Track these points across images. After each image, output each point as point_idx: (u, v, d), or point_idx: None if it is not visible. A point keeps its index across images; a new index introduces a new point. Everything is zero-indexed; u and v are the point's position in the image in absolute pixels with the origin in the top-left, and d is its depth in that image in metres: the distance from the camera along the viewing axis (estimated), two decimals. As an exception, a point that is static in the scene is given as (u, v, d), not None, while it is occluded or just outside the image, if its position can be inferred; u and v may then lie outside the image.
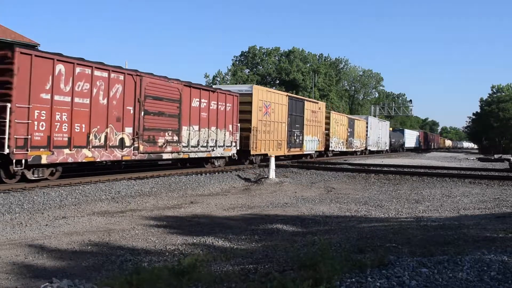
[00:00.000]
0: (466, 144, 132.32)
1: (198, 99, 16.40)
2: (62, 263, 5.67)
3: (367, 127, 40.74)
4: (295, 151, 25.25)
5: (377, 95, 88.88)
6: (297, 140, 25.21)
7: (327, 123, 30.52)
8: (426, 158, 39.58)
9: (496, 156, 41.79)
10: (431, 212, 10.00)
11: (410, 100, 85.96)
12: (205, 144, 16.93)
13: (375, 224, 8.44)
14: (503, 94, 77.75)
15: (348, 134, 35.23)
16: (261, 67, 63.19)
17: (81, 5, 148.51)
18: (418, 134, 71.02)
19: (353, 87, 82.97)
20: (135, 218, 8.90)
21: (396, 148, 55.94)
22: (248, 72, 62.15)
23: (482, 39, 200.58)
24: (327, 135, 30.64)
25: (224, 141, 18.08)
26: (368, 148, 41.29)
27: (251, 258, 5.35)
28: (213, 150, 17.32)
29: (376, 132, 44.25)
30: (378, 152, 45.35)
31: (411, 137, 64.58)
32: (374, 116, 65.01)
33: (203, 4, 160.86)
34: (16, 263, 5.66)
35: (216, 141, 17.50)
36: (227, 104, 18.18)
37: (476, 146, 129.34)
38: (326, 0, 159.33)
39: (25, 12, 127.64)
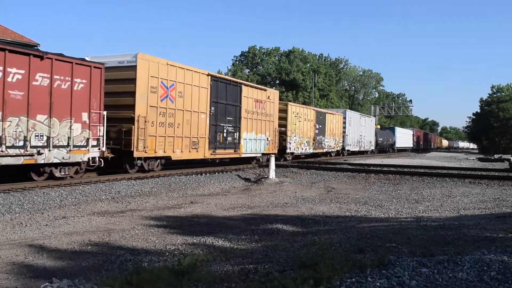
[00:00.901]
0: (462, 144, 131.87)
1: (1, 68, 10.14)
2: (62, 263, 5.67)
3: (344, 123, 33.87)
4: (225, 153, 18.81)
5: (377, 95, 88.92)
6: (229, 139, 18.69)
7: (283, 118, 23.89)
8: (426, 158, 39.57)
9: (496, 156, 41.80)
10: (431, 212, 10.00)
11: (410, 100, 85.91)
12: (18, 143, 10.54)
13: (375, 224, 8.44)
14: (503, 94, 77.80)
15: (317, 131, 28.45)
16: (261, 67, 63.17)
17: (81, 5, 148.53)
18: (412, 133, 65.59)
19: (353, 87, 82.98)
20: (135, 218, 8.90)
21: (385, 148, 49.88)
22: (248, 72, 62.13)
23: (482, 39, 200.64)
24: (283, 133, 23.82)
25: (69, 138, 11.76)
26: (346, 148, 34.67)
27: (251, 258, 5.35)
28: (39, 153, 10.95)
29: (357, 129, 37.55)
30: (360, 153, 39.45)
31: (403, 136, 59.21)
32: (374, 116, 64.94)
33: (203, 4, 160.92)
34: (16, 263, 5.66)
35: (49, 138, 11.25)
36: (77, 80, 11.90)
37: (471, 146, 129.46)
38: (326, 0, 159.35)
39: (25, 12, 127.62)
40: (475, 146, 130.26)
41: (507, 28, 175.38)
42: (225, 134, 18.40)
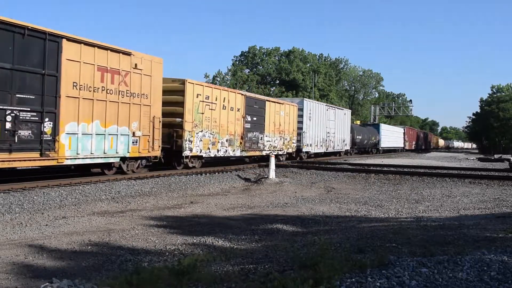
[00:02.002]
0: (457, 144, 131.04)
1: None
2: (62, 263, 5.67)
3: (301, 115, 25.69)
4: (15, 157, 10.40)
5: (377, 95, 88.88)
6: (25, 133, 10.39)
7: (178, 103, 16.11)
8: (426, 158, 39.58)
9: (496, 156, 41.79)
10: (431, 212, 10.00)
11: (410, 100, 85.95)
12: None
13: (375, 224, 8.44)
14: (503, 94, 77.79)
15: (248, 126, 20.19)
16: (261, 67, 63.15)
17: (81, 4, 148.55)
18: (403, 131, 58.30)
19: (353, 87, 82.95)
20: (135, 218, 8.90)
21: (367, 148, 42.77)
22: (248, 72, 62.13)
23: (482, 39, 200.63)
24: (178, 126, 16.14)
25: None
26: (304, 150, 26.30)
27: (251, 258, 5.35)
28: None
29: (322, 124, 28.79)
30: (328, 154, 31.67)
31: (391, 135, 51.80)
32: (374, 116, 64.91)
33: (203, 4, 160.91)
34: (16, 263, 5.65)
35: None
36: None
37: (465, 145, 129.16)
38: (326, 0, 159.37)
39: (25, 12, 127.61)
40: (469, 146, 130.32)
41: (507, 28, 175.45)
42: (10, 125, 10.13)
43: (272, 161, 16.78)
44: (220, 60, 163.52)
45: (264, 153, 21.72)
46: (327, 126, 30.12)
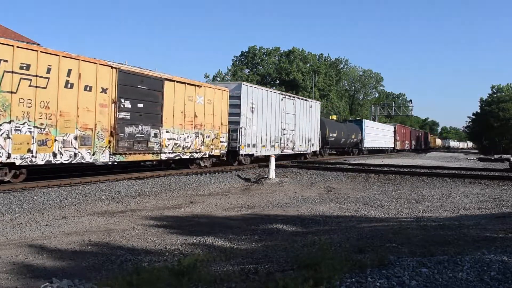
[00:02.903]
0: (453, 143, 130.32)
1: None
2: (62, 263, 5.67)
3: (238, 105, 19.05)
4: None
5: (377, 95, 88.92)
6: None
7: None
8: (426, 158, 39.58)
9: (496, 156, 41.79)
10: (431, 212, 10.00)
11: (410, 100, 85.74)
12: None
13: (375, 224, 8.44)
14: (503, 94, 77.79)
15: (126, 116, 13.55)
16: (261, 67, 63.19)
17: (81, 4, 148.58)
18: (393, 129, 52.25)
19: (353, 87, 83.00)
20: (135, 218, 8.90)
21: (347, 148, 36.83)
22: (248, 72, 62.15)
23: (482, 39, 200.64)
24: None
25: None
26: (242, 152, 19.32)
27: (251, 258, 5.35)
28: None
29: (273, 118, 22.29)
30: (287, 157, 24.71)
31: (377, 133, 45.24)
32: (374, 116, 64.78)
33: (203, 4, 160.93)
34: (16, 263, 5.65)
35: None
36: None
37: (461, 145, 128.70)
38: (326, 0, 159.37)
39: (25, 12, 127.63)
40: (465, 146, 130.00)
41: (507, 28, 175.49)
42: None
43: (272, 161, 16.78)
44: (220, 60, 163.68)
45: (163, 156, 15.18)
46: (283, 120, 23.36)
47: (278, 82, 61.73)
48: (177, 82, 15.70)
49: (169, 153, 15.43)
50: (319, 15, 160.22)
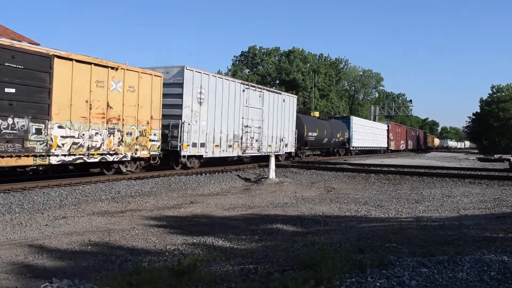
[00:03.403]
0: (451, 143, 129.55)
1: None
2: (62, 263, 5.67)
3: (179, 95, 15.67)
4: None
5: (377, 95, 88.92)
6: None
7: None
8: (426, 158, 39.58)
9: (496, 156, 41.78)
10: (431, 212, 10.00)
11: (410, 100, 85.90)
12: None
13: (375, 224, 8.43)
14: (503, 94, 77.85)
15: None
16: (261, 67, 63.17)
17: (81, 5, 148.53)
18: (387, 128, 48.15)
19: (353, 87, 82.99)
20: (135, 218, 8.90)
21: (331, 148, 33.18)
22: (248, 72, 62.14)
23: (482, 39, 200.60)
24: None
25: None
26: (184, 153, 15.83)
27: (251, 258, 5.35)
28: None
29: (232, 112, 18.60)
30: (252, 160, 21.76)
31: (368, 131, 41.16)
32: (374, 116, 64.72)
33: (203, 4, 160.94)
34: (16, 263, 5.66)
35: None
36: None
37: (458, 145, 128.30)
38: (326, 0, 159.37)
39: (25, 12, 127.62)
40: (462, 146, 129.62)
41: (507, 28, 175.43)
42: None
43: (272, 161, 16.78)
44: (220, 60, 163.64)
45: (53, 160, 11.44)
46: (246, 116, 19.44)
47: (278, 82, 61.73)
48: (77, 61, 11.75)
49: (65, 155, 11.64)
50: (319, 15, 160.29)
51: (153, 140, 14.62)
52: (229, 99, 18.35)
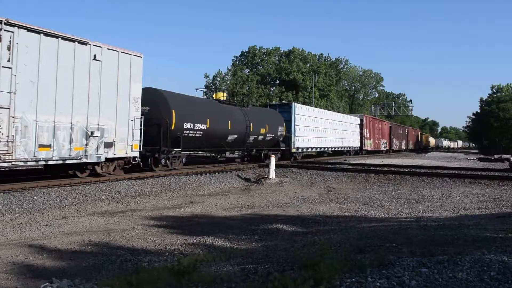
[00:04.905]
0: (446, 143, 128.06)
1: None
2: (62, 263, 5.67)
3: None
4: None
5: (377, 95, 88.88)
6: None
7: None
8: (426, 158, 39.57)
9: (496, 156, 41.77)
10: (431, 212, 10.00)
11: (410, 100, 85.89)
12: None
13: (375, 224, 8.43)
14: (503, 94, 77.79)
15: None
16: (261, 67, 63.11)
17: (81, 5, 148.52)
18: (360, 122, 37.10)
19: (353, 87, 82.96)
20: (135, 218, 8.90)
21: (254, 149, 22.67)
22: (248, 72, 62.11)
23: (482, 39, 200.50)
24: None
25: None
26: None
27: (251, 258, 5.34)
28: None
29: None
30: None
31: (324, 126, 29.70)
32: (374, 116, 64.63)
33: (203, 4, 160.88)
34: (16, 263, 5.65)
35: None
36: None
37: (451, 145, 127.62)
38: (326, 0, 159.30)
39: (25, 12, 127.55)
40: (456, 145, 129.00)
41: (507, 28, 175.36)
42: None
43: (272, 161, 16.79)
44: (220, 60, 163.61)
45: None
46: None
47: (278, 82, 61.71)
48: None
49: None
50: (319, 15, 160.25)
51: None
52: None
